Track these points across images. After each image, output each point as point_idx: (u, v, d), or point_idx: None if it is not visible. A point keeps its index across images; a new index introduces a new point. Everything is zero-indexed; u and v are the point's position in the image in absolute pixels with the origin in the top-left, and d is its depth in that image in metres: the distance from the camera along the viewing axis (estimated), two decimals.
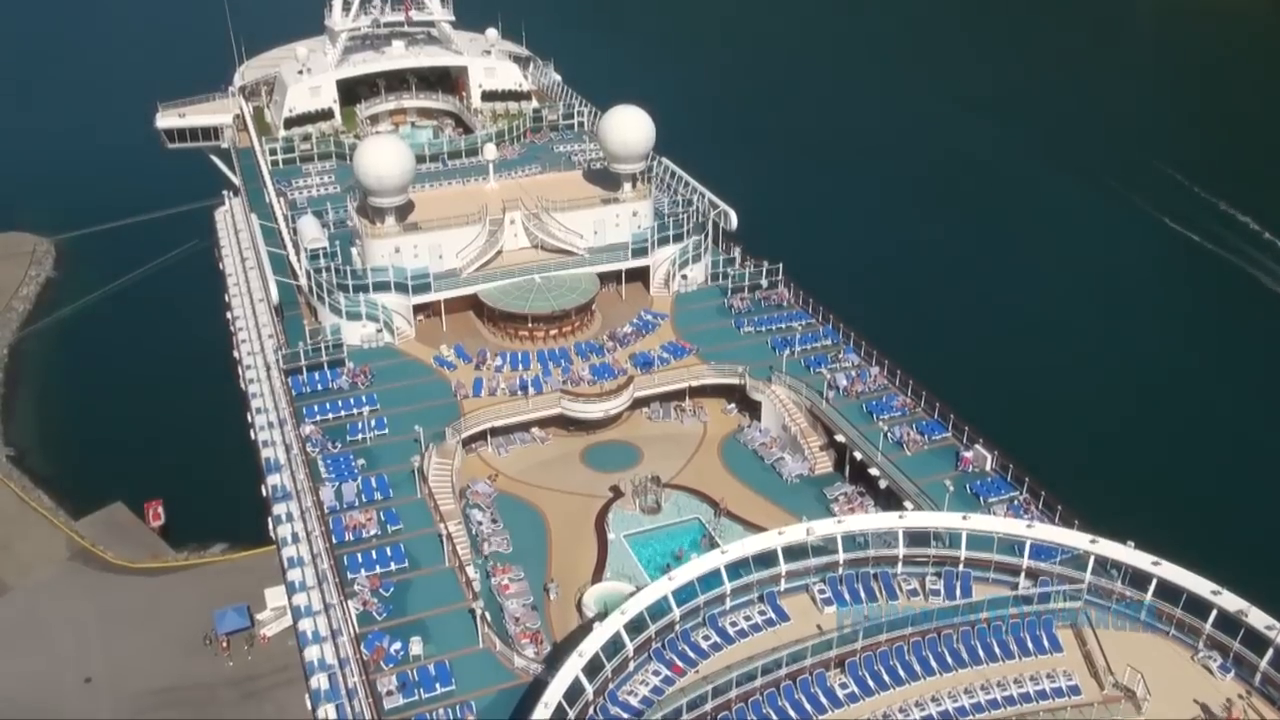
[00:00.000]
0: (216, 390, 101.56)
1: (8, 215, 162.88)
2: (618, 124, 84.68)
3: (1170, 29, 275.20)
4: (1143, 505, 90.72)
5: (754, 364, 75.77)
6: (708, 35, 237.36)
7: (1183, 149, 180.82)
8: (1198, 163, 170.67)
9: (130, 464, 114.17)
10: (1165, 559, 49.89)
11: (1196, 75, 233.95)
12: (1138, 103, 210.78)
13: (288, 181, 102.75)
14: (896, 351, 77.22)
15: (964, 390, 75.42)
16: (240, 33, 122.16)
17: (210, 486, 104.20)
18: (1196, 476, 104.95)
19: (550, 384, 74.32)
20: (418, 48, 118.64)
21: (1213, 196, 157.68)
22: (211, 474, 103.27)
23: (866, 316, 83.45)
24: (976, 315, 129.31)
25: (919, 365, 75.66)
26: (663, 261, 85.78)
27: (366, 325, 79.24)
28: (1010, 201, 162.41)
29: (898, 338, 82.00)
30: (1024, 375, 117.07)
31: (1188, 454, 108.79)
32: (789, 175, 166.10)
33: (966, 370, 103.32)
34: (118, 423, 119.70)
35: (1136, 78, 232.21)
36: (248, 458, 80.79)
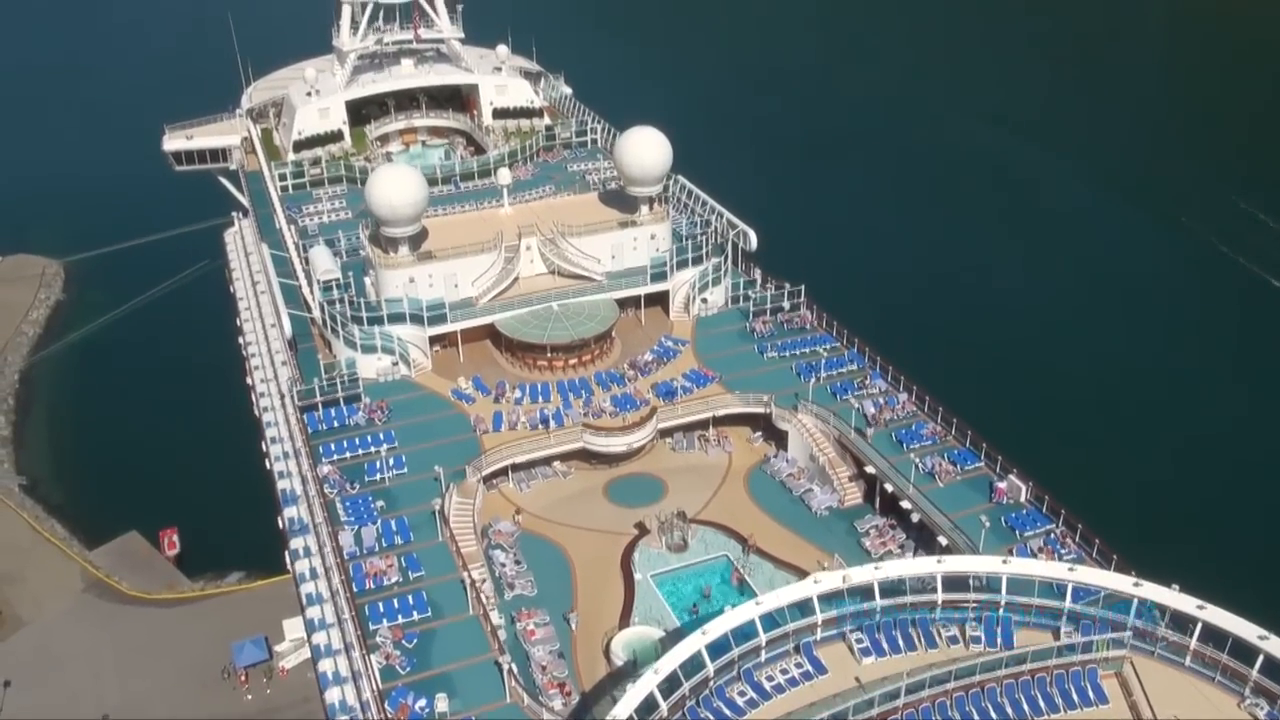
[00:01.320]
0: (230, 416, 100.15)
1: (17, 237, 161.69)
2: (634, 147, 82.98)
3: (1185, 28, 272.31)
4: (1184, 540, 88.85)
5: (779, 392, 74.18)
6: (722, 45, 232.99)
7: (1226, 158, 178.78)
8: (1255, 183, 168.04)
9: (144, 491, 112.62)
10: (1210, 601, 48.19)
11: (1214, 75, 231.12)
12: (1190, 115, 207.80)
13: (298, 207, 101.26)
14: (924, 375, 75.64)
15: (995, 416, 74.23)
16: (247, 53, 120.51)
17: (225, 513, 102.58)
18: (1243, 514, 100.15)
19: (571, 417, 72.75)
20: (427, 66, 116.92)
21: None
22: (226, 501, 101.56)
23: (892, 339, 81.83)
24: (1005, 338, 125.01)
25: (947, 390, 74.04)
26: (682, 285, 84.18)
27: (382, 358, 77.76)
28: (1039, 220, 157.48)
29: (925, 361, 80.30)
30: (1056, 401, 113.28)
31: (1234, 489, 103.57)
32: (808, 192, 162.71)
33: (996, 395, 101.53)
34: (130, 449, 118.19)
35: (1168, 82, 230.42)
36: (262, 484, 79.42)
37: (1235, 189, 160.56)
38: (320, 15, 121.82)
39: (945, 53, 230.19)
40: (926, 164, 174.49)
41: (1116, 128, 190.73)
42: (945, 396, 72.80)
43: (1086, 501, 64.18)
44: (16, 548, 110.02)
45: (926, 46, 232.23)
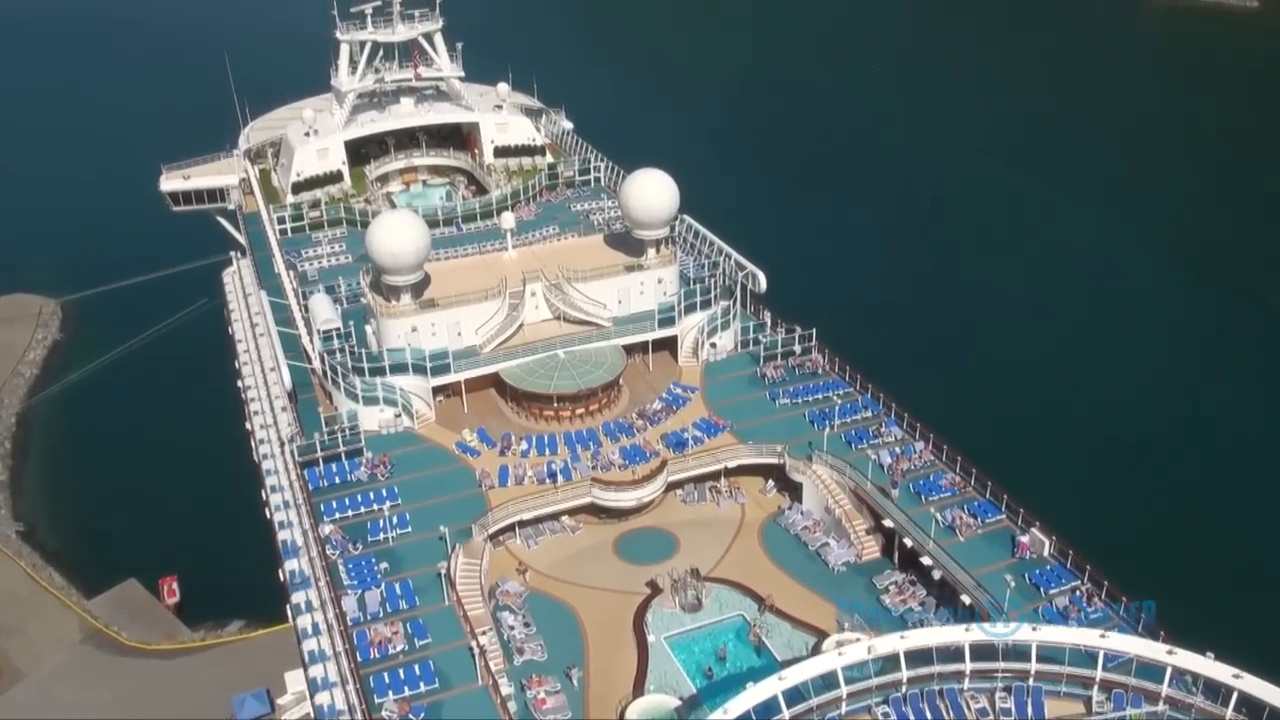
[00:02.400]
0: (229, 460, 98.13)
1: (13, 276, 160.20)
2: (640, 190, 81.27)
3: (1177, 34, 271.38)
4: (1217, 600, 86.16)
5: (792, 441, 72.25)
6: (726, 79, 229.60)
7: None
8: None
9: (142, 537, 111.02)
10: (1246, 669, 46.63)
11: (1207, 82, 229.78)
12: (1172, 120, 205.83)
13: (297, 252, 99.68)
14: (941, 421, 73.72)
15: (1014, 464, 72.29)
16: (244, 92, 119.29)
17: (225, 560, 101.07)
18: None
19: (579, 470, 70.86)
20: (427, 104, 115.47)
21: None
22: (226, 547, 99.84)
23: (906, 383, 79.90)
24: (1023, 383, 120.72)
25: (965, 437, 72.07)
26: (690, 329, 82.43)
27: (384, 410, 75.83)
28: (1058, 262, 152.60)
29: (941, 406, 78.63)
30: (1077, 449, 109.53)
31: (1271, 547, 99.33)
32: (818, 231, 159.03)
33: (1015, 442, 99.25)
34: (129, 493, 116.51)
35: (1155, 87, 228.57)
36: (263, 530, 76.93)
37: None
38: (318, 54, 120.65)
39: (957, 87, 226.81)
40: (941, 202, 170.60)
41: (1147, 165, 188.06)
42: (963, 444, 70.91)
43: (1112, 556, 62.23)
44: (14, 597, 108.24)
45: (938, 81, 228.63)
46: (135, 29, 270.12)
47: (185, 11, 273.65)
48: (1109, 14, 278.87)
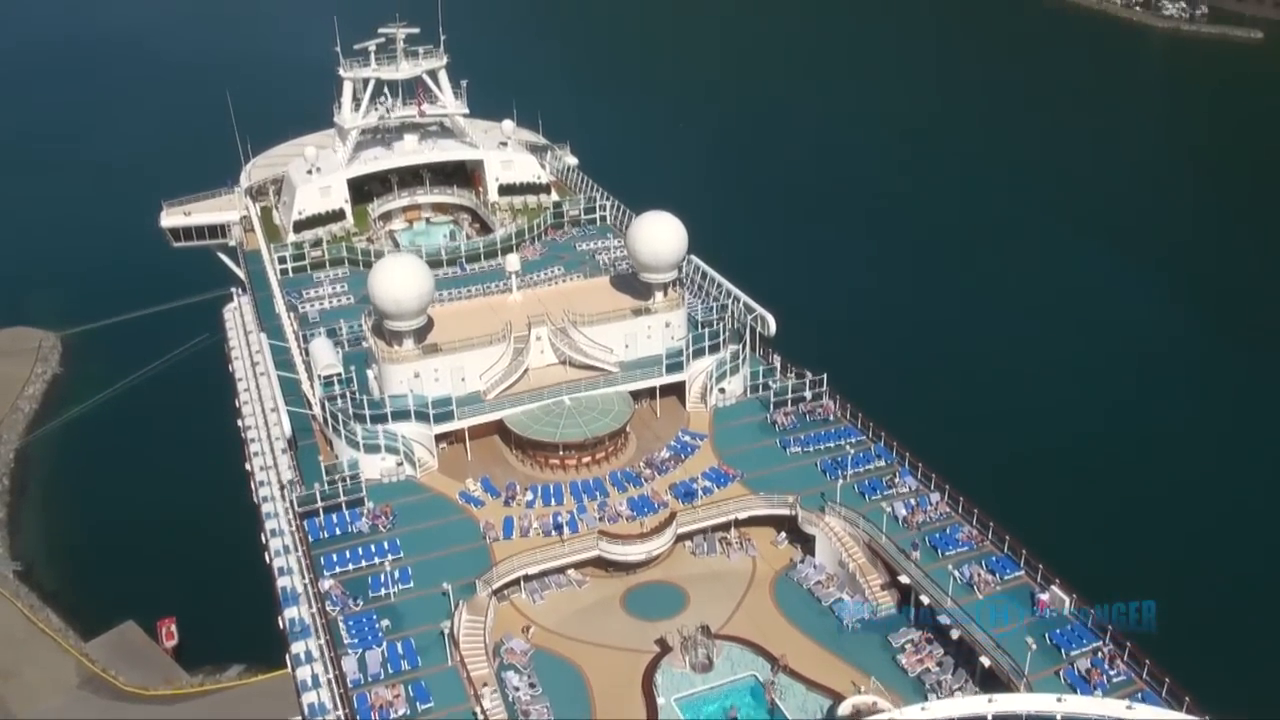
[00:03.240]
0: (229, 500, 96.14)
1: (13, 309, 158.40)
2: (648, 234, 79.90)
3: (1180, 64, 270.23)
4: (1249, 664, 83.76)
5: (804, 491, 70.71)
6: (732, 114, 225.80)
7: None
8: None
9: (142, 578, 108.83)
10: None
11: (1210, 113, 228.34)
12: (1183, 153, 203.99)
13: (298, 292, 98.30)
14: (956, 471, 72.11)
15: (1032, 515, 70.41)
16: (246, 128, 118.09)
17: (224, 603, 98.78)
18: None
19: (586, 522, 69.31)
20: (431, 141, 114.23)
21: None
22: (226, 590, 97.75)
23: (920, 431, 78.24)
24: (1040, 430, 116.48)
25: (981, 487, 70.36)
26: (699, 374, 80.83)
27: (386, 458, 74.33)
28: (1079, 304, 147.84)
29: (956, 454, 76.89)
30: (1097, 500, 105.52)
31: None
32: (828, 272, 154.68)
33: (1033, 492, 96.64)
34: (128, 532, 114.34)
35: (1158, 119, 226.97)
36: (262, 572, 75.40)
37: None
38: (320, 91, 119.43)
39: (967, 120, 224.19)
40: (958, 244, 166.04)
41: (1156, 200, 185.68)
42: (979, 495, 69.26)
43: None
44: (11, 639, 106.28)
45: (949, 116, 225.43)
46: (137, 63, 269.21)
47: (187, 46, 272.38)
48: (1113, 44, 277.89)
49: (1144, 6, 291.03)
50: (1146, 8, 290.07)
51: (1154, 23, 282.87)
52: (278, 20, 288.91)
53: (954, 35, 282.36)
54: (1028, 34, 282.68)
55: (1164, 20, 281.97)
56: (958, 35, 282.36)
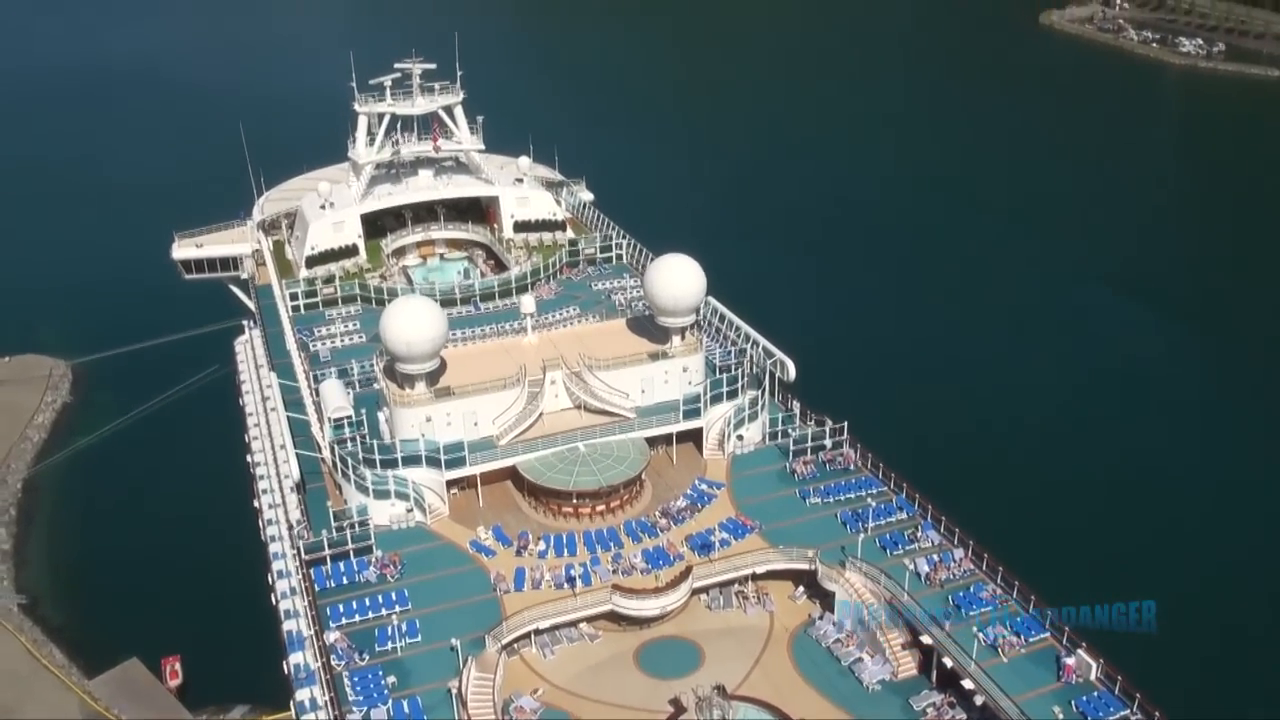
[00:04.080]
0: (237, 537, 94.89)
1: (25, 337, 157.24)
2: (666, 278, 78.39)
3: (1197, 101, 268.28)
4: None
5: (823, 545, 68.89)
6: (751, 152, 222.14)
7: None
8: None
9: (147, 615, 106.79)
10: None
11: (1227, 149, 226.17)
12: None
13: (309, 329, 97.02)
14: (980, 524, 70.13)
15: (1058, 573, 68.36)
16: (259, 161, 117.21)
17: (231, 642, 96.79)
18: None
19: (599, 574, 67.61)
20: (446, 176, 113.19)
21: None
22: (232, 628, 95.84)
23: (942, 482, 76.38)
24: (1069, 484, 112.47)
25: (1006, 542, 68.29)
26: (716, 421, 79.12)
27: (396, 504, 72.86)
28: (1106, 350, 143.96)
29: (980, 507, 74.85)
30: (1126, 559, 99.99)
31: None
32: (849, 315, 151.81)
33: (1059, 548, 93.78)
34: (134, 567, 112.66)
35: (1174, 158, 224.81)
36: (269, 612, 74.04)
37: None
38: (334, 124, 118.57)
39: (988, 158, 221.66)
40: (984, 288, 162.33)
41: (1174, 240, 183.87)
42: (1004, 551, 67.26)
43: (1162, 682, 58.38)
44: (14, 675, 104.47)
45: (972, 154, 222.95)
46: (152, 92, 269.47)
47: (202, 77, 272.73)
48: (1129, 80, 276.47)
49: (1160, 43, 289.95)
50: (1163, 44, 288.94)
51: (1171, 59, 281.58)
52: (293, 53, 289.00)
53: (971, 73, 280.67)
54: (1045, 71, 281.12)
55: (1181, 57, 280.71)
56: (975, 73, 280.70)
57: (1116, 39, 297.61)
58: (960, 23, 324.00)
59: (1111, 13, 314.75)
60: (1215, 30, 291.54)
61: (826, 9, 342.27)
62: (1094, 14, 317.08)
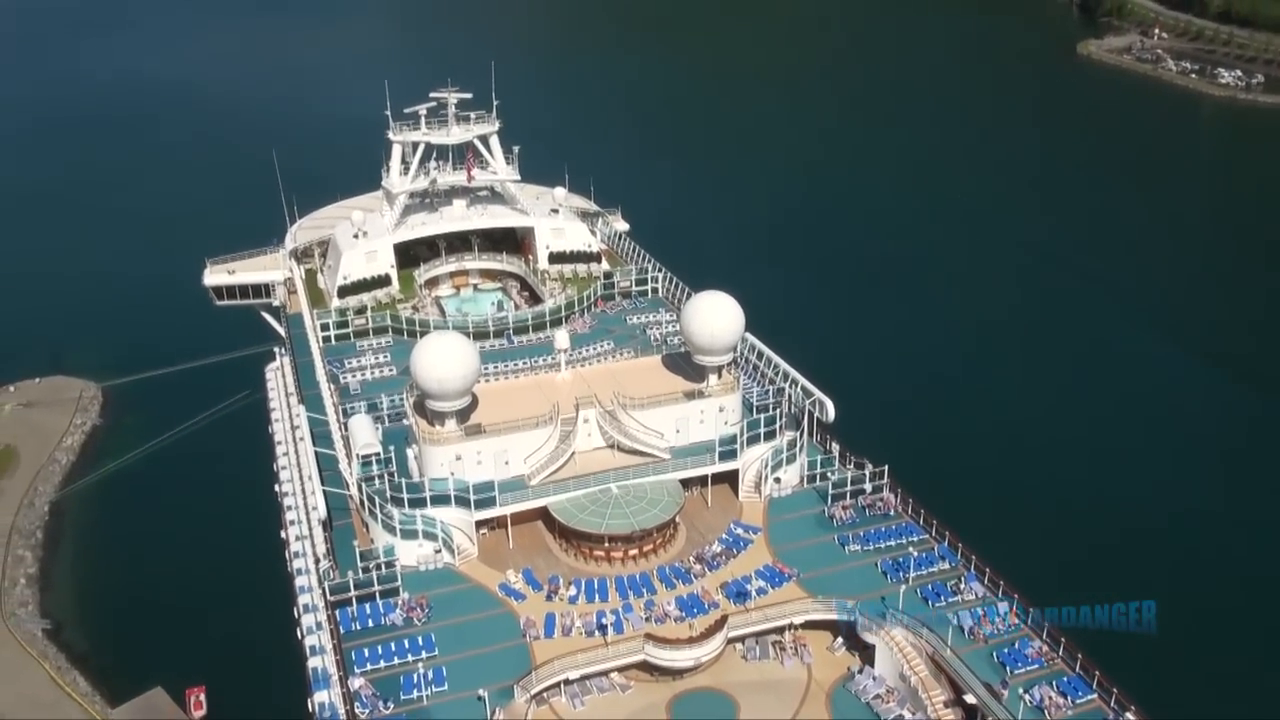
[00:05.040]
0: (264, 567, 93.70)
1: (55, 359, 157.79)
2: (704, 316, 76.41)
3: (1237, 134, 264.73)
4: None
5: (863, 595, 66.64)
6: (790, 184, 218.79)
7: None
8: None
9: (173, 643, 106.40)
10: None
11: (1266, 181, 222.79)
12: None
13: (340, 361, 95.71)
14: (1026, 577, 67.84)
15: (1106, 630, 65.54)
16: (292, 188, 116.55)
17: (256, 675, 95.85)
18: None
19: (632, 622, 65.61)
20: (480, 206, 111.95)
21: None
22: (257, 661, 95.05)
23: (987, 530, 73.89)
24: (1119, 534, 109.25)
25: (1053, 597, 65.56)
26: (753, 462, 77.02)
27: (424, 544, 71.12)
28: (1161, 391, 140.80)
29: (1026, 557, 72.60)
30: (1180, 616, 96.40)
31: None
32: (889, 355, 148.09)
33: (1107, 602, 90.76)
34: (160, 594, 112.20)
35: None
36: (295, 646, 72.56)
37: None
38: (368, 152, 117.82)
39: (1028, 188, 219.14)
40: (1027, 325, 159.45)
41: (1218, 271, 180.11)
42: (1050, 604, 64.58)
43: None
44: (37, 702, 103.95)
45: (1014, 186, 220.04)
46: (185, 117, 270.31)
47: (236, 103, 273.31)
48: (1168, 111, 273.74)
49: (1199, 74, 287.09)
50: (1202, 75, 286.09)
51: (1210, 90, 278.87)
52: (328, 81, 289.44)
53: (1009, 104, 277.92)
54: (1083, 102, 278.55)
55: (1220, 88, 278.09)
56: (1013, 104, 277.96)
57: (1155, 69, 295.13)
58: (998, 54, 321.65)
59: (1150, 43, 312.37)
60: (1254, 62, 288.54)
61: (864, 41, 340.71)
62: (1132, 44, 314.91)
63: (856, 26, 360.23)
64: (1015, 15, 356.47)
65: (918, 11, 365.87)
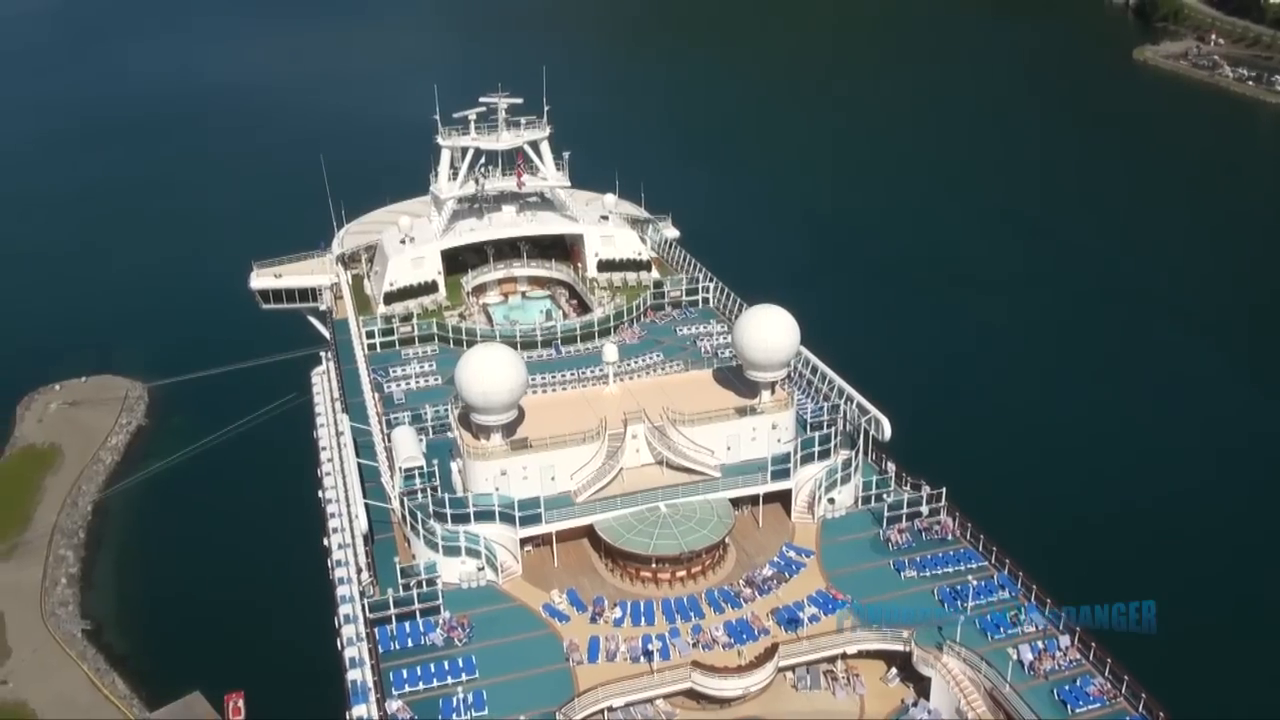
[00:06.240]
0: (306, 573, 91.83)
1: (102, 357, 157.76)
2: (757, 331, 74.24)
3: None
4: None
5: (920, 625, 64.16)
6: (845, 192, 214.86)
7: None
8: None
9: (212, 647, 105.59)
10: None
11: None
12: None
13: (384, 369, 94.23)
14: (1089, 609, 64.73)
15: (1170, 666, 63.01)
16: (339, 190, 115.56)
17: (294, 683, 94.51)
18: None
19: (678, 647, 63.59)
20: (530, 213, 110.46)
21: None
22: (297, 669, 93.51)
23: (1048, 558, 71.49)
24: (1192, 563, 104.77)
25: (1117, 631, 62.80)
26: (806, 482, 74.67)
27: (466, 562, 69.54)
28: (1240, 414, 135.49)
29: (1087, 588, 68.98)
30: (1257, 652, 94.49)
31: None
32: (949, 370, 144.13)
33: (1176, 641, 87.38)
34: (201, 597, 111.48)
35: None
36: (335, 655, 70.26)
37: None
38: (417, 157, 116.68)
39: (1086, 198, 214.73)
40: (1090, 343, 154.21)
41: None
42: (1113, 641, 61.95)
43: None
44: (74, 705, 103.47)
45: (1078, 200, 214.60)
46: (235, 120, 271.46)
47: (285, 106, 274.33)
48: (1225, 119, 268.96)
49: (1256, 81, 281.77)
50: (1259, 83, 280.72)
51: (1266, 98, 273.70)
52: (376, 85, 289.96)
53: (1066, 112, 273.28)
54: (1140, 110, 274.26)
55: (1276, 95, 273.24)
56: (1069, 111, 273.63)
57: (1211, 76, 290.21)
58: (1055, 60, 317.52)
59: (1206, 49, 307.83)
60: None
61: (919, 47, 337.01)
62: (1188, 50, 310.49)
63: (910, 32, 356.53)
64: (1071, 20, 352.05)
65: (973, 17, 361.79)
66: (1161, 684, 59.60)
